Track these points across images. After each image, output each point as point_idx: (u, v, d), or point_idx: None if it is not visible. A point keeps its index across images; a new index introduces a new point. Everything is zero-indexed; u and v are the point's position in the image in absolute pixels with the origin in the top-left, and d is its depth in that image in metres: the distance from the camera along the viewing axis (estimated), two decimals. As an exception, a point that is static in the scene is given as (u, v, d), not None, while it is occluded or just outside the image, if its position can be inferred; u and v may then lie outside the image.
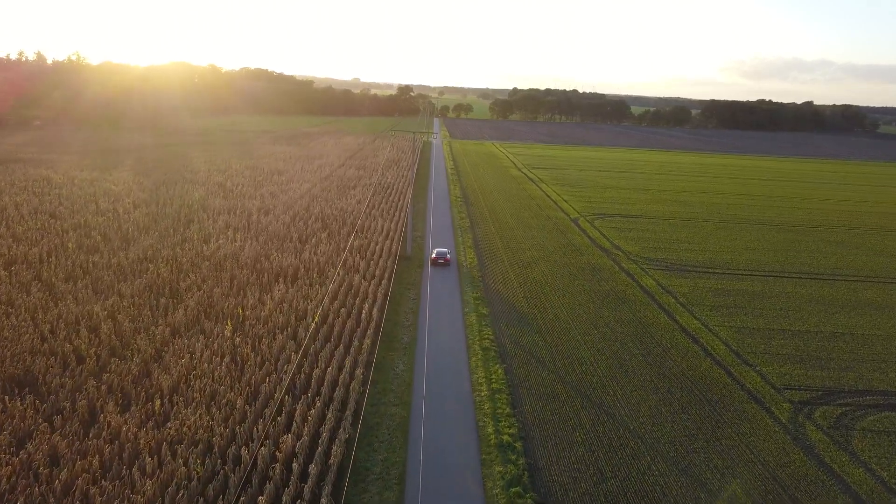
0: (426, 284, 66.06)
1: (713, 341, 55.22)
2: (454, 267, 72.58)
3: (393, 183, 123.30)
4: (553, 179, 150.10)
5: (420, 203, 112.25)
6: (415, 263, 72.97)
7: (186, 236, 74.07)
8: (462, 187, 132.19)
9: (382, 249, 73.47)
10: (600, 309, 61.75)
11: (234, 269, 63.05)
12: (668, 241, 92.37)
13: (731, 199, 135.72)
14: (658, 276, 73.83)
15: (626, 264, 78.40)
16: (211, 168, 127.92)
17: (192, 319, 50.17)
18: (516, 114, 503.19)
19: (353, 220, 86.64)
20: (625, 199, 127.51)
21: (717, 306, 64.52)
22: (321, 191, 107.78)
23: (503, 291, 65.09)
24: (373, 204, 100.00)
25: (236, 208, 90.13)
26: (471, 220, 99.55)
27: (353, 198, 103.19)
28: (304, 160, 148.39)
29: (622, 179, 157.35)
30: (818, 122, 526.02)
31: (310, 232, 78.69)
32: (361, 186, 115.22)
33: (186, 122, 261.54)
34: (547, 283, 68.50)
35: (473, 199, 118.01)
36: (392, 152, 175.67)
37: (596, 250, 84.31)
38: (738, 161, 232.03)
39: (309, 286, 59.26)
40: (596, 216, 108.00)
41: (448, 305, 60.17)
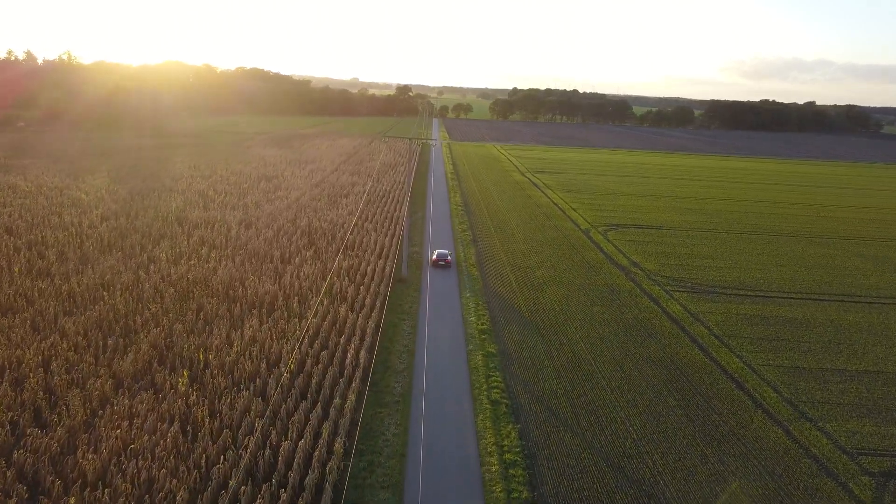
0: (424, 312, 57.74)
1: (761, 387, 46.94)
2: (456, 294, 64.21)
3: (389, 190, 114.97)
4: (559, 185, 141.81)
5: (418, 212, 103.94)
6: (411, 287, 64.64)
7: (154, 256, 65.72)
8: (463, 194, 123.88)
9: (374, 271, 65.16)
10: (625, 343, 53.47)
11: (203, 297, 54.71)
12: (690, 256, 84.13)
13: (750, 206, 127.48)
14: (685, 300, 65.58)
15: (648, 285, 70.13)
16: (194, 173, 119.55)
17: (144, 366, 41.85)
18: (516, 114, 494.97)
19: (343, 235, 78.33)
20: (636, 207, 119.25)
21: (756, 339, 56.26)
22: (310, 200, 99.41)
23: (512, 322, 56.78)
24: (366, 215, 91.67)
25: (215, 221, 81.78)
26: (473, 232, 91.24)
27: (345, 208, 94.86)
28: (295, 164, 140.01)
29: (631, 185, 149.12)
30: (822, 122, 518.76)
31: (294, 250, 70.37)
32: (354, 194, 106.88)
33: (177, 123, 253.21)
34: (562, 311, 60.18)
35: (475, 208, 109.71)
36: (389, 156, 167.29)
37: (612, 268, 76.04)
38: (749, 164, 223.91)
39: (287, 319, 50.92)
40: (608, 227, 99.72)
41: (449, 341, 51.85)
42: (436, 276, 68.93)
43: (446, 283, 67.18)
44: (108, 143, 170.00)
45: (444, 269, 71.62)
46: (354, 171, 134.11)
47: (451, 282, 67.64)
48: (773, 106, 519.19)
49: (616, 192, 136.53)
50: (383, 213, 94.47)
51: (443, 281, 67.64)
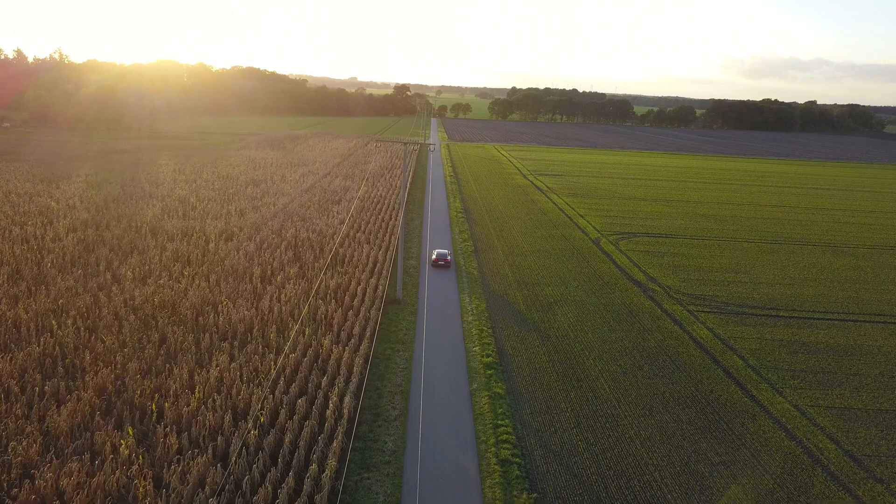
0: (421, 341, 50.83)
1: (814, 436, 40.06)
2: (457, 317, 57.21)
3: (384, 195, 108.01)
4: (563, 189, 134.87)
5: (415, 220, 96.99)
6: (407, 309, 57.69)
7: (119, 274, 58.77)
8: (463, 199, 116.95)
9: (366, 291, 58.20)
10: (650, 378, 46.58)
11: (168, 326, 47.77)
12: (711, 269, 77.27)
13: (767, 211, 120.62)
14: (712, 323, 58.69)
15: (669, 305, 63.24)
16: (178, 178, 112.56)
17: (84, 420, 34.94)
18: (516, 114, 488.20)
19: (332, 247, 71.39)
20: (647, 212, 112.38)
21: (798, 371, 49.41)
22: (299, 207, 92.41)
23: (521, 352, 49.87)
24: (358, 224, 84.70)
25: (193, 232, 74.83)
26: (475, 243, 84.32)
27: (336, 216, 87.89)
28: (286, 167, 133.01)
29: (639, 188, 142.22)
30: (826, 122, 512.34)
31: (277, 266, 63.41)
32: (347, 201, 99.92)
33: (169, 123, 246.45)
34: (577, 338, 53.28)
35: (477, 215, 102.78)
36: (385, 158, 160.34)
37: (628, 284, 69.14)
38: (758, 165, 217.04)
39: (262, 355, 43.99)
40: (619, 236, 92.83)
41: (450, 378, 44.93)
42: (434, 296, 62.03)
43: (446, 303, 60.27)
44: (93, 144, 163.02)
45: (444, 285, 64.77)
46: (348, 175, 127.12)
47: (452, 302, 60.72)
48: (776, 105, 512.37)
49: (624, 195, 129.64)
50: (377, 221, 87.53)
51: (442, 301, 60.72)
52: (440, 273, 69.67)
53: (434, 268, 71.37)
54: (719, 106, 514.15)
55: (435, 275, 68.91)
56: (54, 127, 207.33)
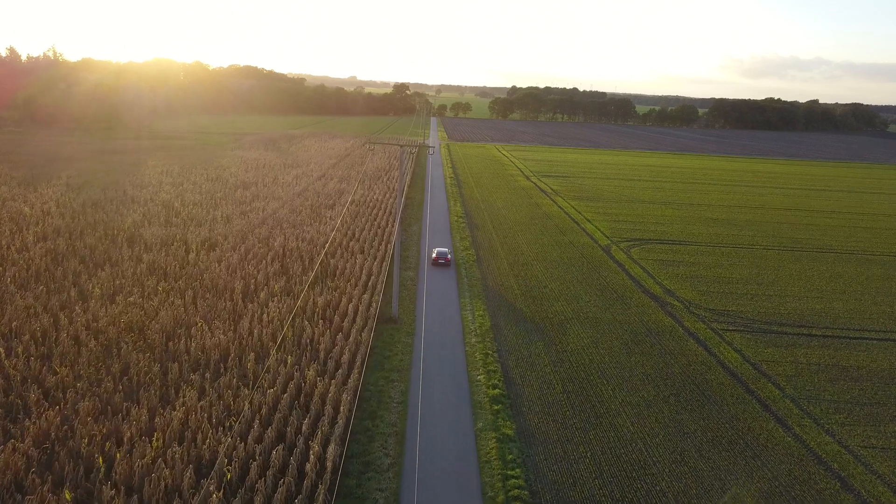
0: (418, 368, 45.32)
1: (874, 486, 34.59)
2: (459, 338, 51.70)
3: (381, 199, 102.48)
4: (568, 191, 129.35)
5: (413, 226, 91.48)
6: (403, 330, 52.15)
7: (86, 291, 53.26)
8: (464, 203, 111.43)
9: (357, 308, 52.68)
10: (679, 415, 41.09)
11: (133, 353, 42.25)
12: (730, 280, 71.80)
13: (781, 215, 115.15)
14: (740, 344, 53.22)
15: (691, 322, 57.77)
16: (165, 180, 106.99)
17: (17, 478, 29.43)
18: (516, 113, 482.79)
19: (323, 258, 65.87)
20: (657, 217, 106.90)
21: (843, 404, 43.96)
22: (290, 212, 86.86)
23: (532, 382, 44.38)
24: (352, 231, 79.17)
25: (174, 240, 69.30)
26: (477, 251, 78.82)
27: (329, 222, 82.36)
28: (279, 169, 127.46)
29: (646, 190, 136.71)
30: (829, 121, 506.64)
31: (261, 280, 57.88)
32: (341, 205, 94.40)
33: (164, 122, 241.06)
34: (593, 363, 47.81)
35: (479, 220, 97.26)
36: (382, 159, 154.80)
37: (644, 298, 63.65)
38: (765, 166, 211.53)
39: (237, 389, 38.48)
40: (630, 242, 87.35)
41: (452, 415, 39.41)
42: (434, 313, 56.52)
43: (447, 321, 54.77)
44: (83, 145, 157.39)
45: (444, 300, 59.27)
46: (344, 177, 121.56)
47: (453, 320, 55.22)
48: (778, 105, 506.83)
49: (632, 198, 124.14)
50: (373, 228, 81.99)
51: (442, 319, 55.22)
52: (440, 285, 64.18)
53: (434, 266, 70.37)
54: (721, 105, 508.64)
55: (435, 287, 63.40)
56: (46, 127, 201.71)
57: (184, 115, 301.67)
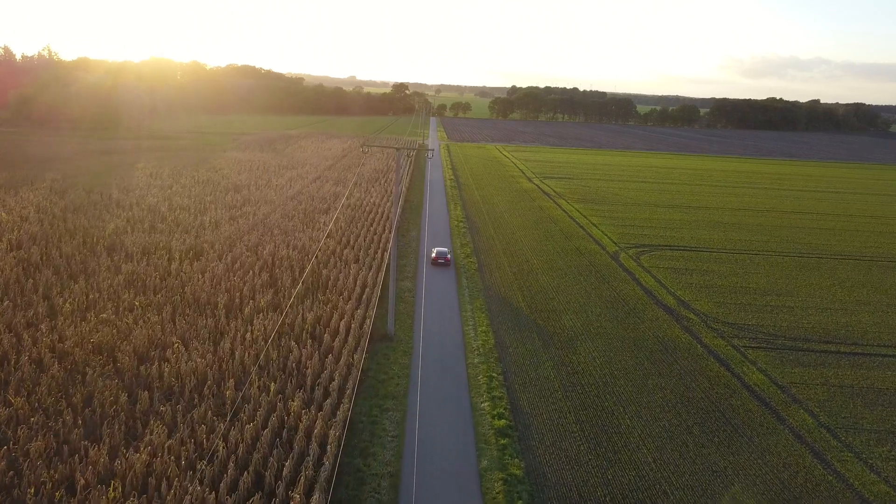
0: (415, 393, 41.20)
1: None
2: (461, 358, 47.53)
3: (378, 203, 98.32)
4: (572, 194, 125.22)
5: (412, 231, 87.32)
6: (399, 349, 48.01)
7: (55, 307, 49.13)
8: (464, 206, 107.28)
9: (350, 326, 48.54)
10: (705, 448, 36.97)
11: (99, 380, 38.11)
12: (747, 290, 67.70)
13: (793, 218, 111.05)
14: (764, 363, 49.11)
15: (709, 338, 53.65)
16: (153, 183, 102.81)
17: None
18: (516, 113, 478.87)
19: (314, 267, 61.72)
20: (665, 221, 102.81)
21: (885, 434, 39.87)
22: (282, 217, 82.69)
23: (542, 410, 40.22)
24: (347, 237, 75.03)
25: (156, 249, 65.16)
26: (478, 258, 74.71)
27: (323, 228, 78.23)
28: (273, 171, 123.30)
29: (652, 193, 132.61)
30: (831, 121, 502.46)
31: (247, 292, 53.74)
32: (336, 209, 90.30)
33: (161, 122, 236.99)
34: (607, 387, 43.69)
35: (480, 225, 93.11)
36: (380, 160, 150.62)
37: (658, 311, 59.53)
38: (771, 167, 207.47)
39: (212, 423, 34.33)
40: (639, 249, 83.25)
41: (453, 452, 35.24)
42: (433, 328, 52.40)
43: (447, 338, 50.66)
44: (74, 145, 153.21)
45: (444, 313, 55.17)
46: (340, 179, 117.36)
47: (454, 336, 51.11)
48: (780, 104, 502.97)
49: (638, 201, 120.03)
50: (369, 234, 77.82)
51: (442, 336, 51.11)
52: (440, 296, 60.05)
53: (434, 266, 69.94)
54: (723, 105, 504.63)
55: (434, 299, 59.25)
56: (41, 127, 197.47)
57: (181, 114, 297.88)
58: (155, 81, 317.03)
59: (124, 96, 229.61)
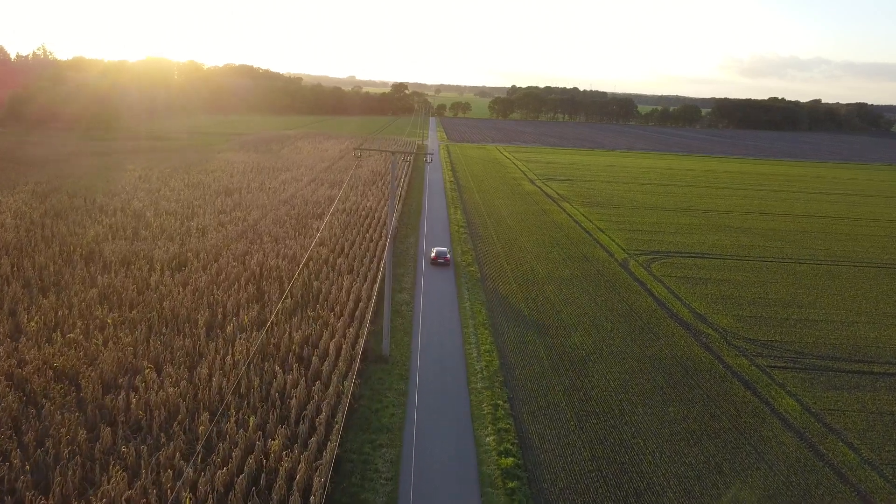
0: (412, 426, 37.05)
1: None
2: (462, 381, 43.35)
3: (374, 207, 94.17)
4: (577, 196, 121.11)
5: (410, 237, 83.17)
6: (395, 372, 43.85)
7: (19, 326, 44.99)
8: (465, 210, 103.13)
9: (341, 346, 44.40)
10: (739, 491, 32.84)
11: (57, 412, 33.96)
12: (767, 301, 63.61)
13: (806, 222, 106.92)
14: (794, 386, 45.01)
15: (731, 357, 49.56)
16: (140, 186, 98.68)
17: None
18: (517, 113, 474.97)
19: (305, 279, 57.58)
20: (674, 225, 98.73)
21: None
22: (272, 223, 78.54)
23: (553, 445, 36.04)
24: (341, 245, 70.91)
25: (137, 258, 61.02)
26: (480, 267, 70.58)
27: (316, 235, 74.12)
28: (267, 173, 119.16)
29: (658, 195, 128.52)
30: (833, 121, 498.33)
31: (231, 307, 49.63)
32: (331, 214, 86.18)
33: (157, 122, 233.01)
34: (624, 416, 39.55)
35: (482, 230, 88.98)
36: (378, 162, 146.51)
37: (674, 326, 55.43)
38: (778, 168, 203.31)
39: (180, 466, 30.16)
40: (650, 256, 79.15)
41: (454, 497, 31.11)
42: (432, 347, 48.28)
43: (447, 359, 46.52)
44: (63, 146, 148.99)
45: (444, 329, 51.07)
46: (336, 182, 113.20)
47: (455, 357, 46.99)
48: (782, 104, 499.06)
49: (644, 205, 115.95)
50: (364, 241, 73.68)
51: (442, 356, 46.98)
52: (440, 310, 55.92)
53: (433, 266, 69.96)
54: (724, 105, 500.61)
55: (433, 313, 55.12)
56: (33, 127, 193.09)
57: (178, 115, 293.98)
58: (152, 81, 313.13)
59: (120, 96, 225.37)
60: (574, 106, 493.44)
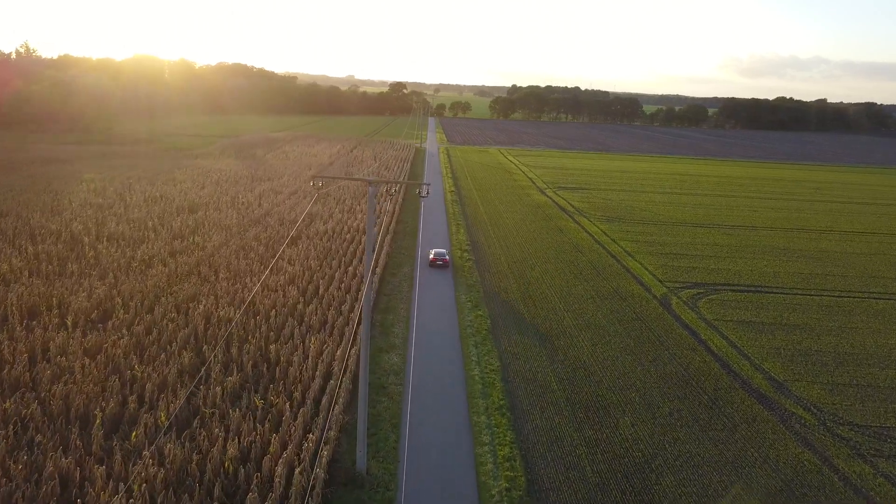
0: None
1: None
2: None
3: (363, 228, 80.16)
4: (594, 209, 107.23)
5: (405, 266, 69.17)
6: (377, 499, 29.83)
7: None
8: (469, 229, 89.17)
9: (293, 463, 30.36)
10: None
11: None
12: (857, 360, 49.79)
13: (863, 242, 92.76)
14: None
15: (842, 457, 35.68)
16: (92, 201, 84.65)
17: None
18: (518, 113, 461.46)
19: (262, 337, 43.59)
20: (711, 246, 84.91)
21: None
22: (235, 252, 64.45)
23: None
24: (317, 282, 56.87)
25: (48, 308, 47.04)
26: (490, 310, 56.55)
27: (287, 268, 60.10)
28: (244, 184, 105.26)
29: (683, 207, 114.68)
30: (842, 121, 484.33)
31: (152, 390, 35.60)
32: (310, 237, 72.18)
33: (133, 124, 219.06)
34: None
35: (489, 257, 74.99)
36: (372, 167, 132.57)
37: (747, 401, 41.51)
38: (806, 173, 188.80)
39: None
40: (694, 290, 65.31)
41: None
42: (429, 452, 34.31)
43: (453, 474, 32.58)
44: (18, 151, 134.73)
45: (447, 425, 37.17)
46: (322, 194, 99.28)
47: (464, 468, 33.04)
48: (791, 104, 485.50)
49: (670, 219, 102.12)
50: (346, 277, 59.62)
51: (445, 467, 33.03)
52: (440, 385, 41.98)
53: (431, 268, 68.05)
54: (731, 105, 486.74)
55: (430, 391, 41.18)
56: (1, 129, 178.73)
57: (165, 115, 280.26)
58: (141, 80, 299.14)
59: (103, 96, 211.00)
60: (577, 106, 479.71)
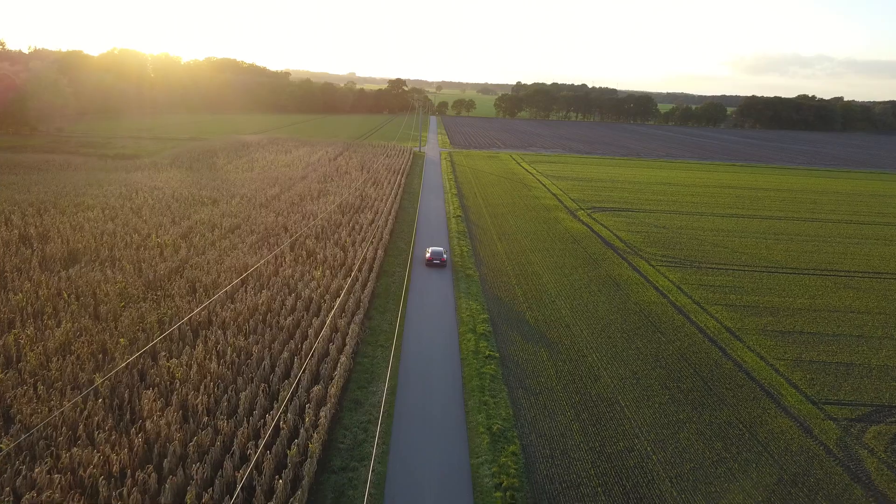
0: None
1: None
2: None
3: (339, 287, 52.86)
4: (647, 242, 79.87)
5: (388, 345, 41.80)
6: None
7: None
8: (483, 277, 61.70)
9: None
10: None
11: None
12: None
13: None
14: None
15: None
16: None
17: None
18: (525, 111, 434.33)
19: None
20: (828, 311, 57.79)
21: None
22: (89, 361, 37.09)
23: None
24: (260, 383, 29.58)
25: None
26: (523, 440, 29.34)
27: (156, 422, 32.85)
28: (177, 209, 78.11)
29: (763, 239, 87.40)
30: (868, 120, 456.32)
31: None
32: (250, 308, 44.89)
33: (84, 125, 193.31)
34: None
35: (512, 321, 47.54)
36: (356, 185, 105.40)
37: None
38: (873, 184, 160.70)
39: None
40: (855, 408, 38.00)
41: None
42: None
43: None
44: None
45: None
46: (285, 222, 72.04)
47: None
48: (814, 102, 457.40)
49: (757, 259, 74.89)
50: (311, 353, 32.35)
51: None
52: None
53: (428, 267, 61.75)
54: (752, 103, 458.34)
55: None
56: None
57: (137, 113, 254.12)
58: (110, 75, 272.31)
59: (44, 93, 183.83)
60: (587, 104, 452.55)
